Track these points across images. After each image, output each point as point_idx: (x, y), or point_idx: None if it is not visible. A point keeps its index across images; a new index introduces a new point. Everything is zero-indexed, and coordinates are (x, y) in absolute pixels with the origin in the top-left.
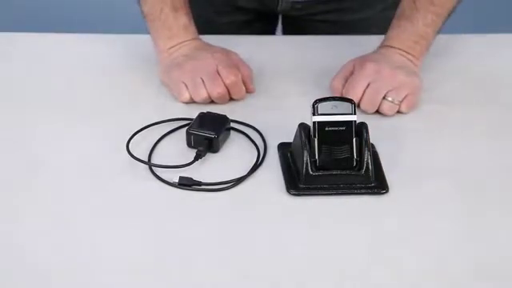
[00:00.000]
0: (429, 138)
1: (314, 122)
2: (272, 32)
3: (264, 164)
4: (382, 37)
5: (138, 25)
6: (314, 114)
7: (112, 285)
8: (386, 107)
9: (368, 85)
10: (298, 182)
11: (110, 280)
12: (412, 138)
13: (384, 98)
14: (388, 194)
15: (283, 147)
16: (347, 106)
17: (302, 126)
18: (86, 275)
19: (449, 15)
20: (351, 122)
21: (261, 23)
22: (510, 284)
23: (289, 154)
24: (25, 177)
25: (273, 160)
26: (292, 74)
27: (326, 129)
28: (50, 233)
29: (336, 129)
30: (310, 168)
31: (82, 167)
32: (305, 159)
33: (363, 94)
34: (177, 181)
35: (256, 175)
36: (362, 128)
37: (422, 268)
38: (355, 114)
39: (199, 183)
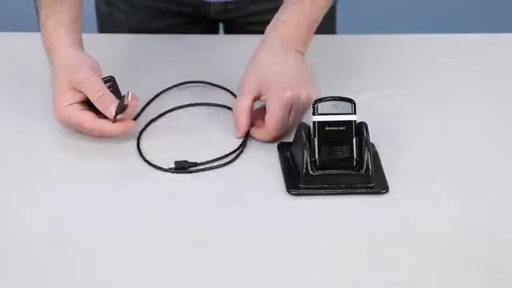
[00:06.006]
0: (429, 138)
1: (314, 122)
2: None
3: (264, 164)
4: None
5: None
6: (313, 114)
7: (114, 282)
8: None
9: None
10: (298, 181)
11: (110, 278)
12: (412, 138)
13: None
14: (388, 194)
15: (283, 147)
16: (347, 106)
17: (302, 126)
18: (86, 274)
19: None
20: (351, 121)
21: (198, 31)
22: (510, 285)
23: (289, 154)
24: (25, 176)
25: (273, 160)
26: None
27: (326, 128)
28: (50, 232)
29: (336, 128)
30: (309, 168)
31: (82, 165)
32: (305, 159)
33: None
34: (173, 166)
35: (256, 175)
36: (361, 128)
37: (422, 268)
38: (355, 113)
39: (195, 164)
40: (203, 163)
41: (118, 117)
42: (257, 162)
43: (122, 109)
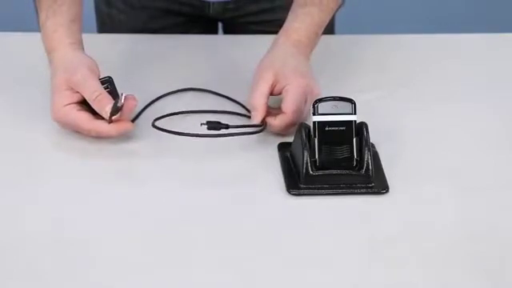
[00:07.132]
0: (429, 138)
1: (314, 122)
2: None
3: (264, 164)
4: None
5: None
6: (314, 114)
7: (114, 282)
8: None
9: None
10: (298, 181)
11: (110, 278)
12: (412, 138)
13: None
14: (388, 194)
15: (283, 147)
16: (347, 106)
17: (302, 126)
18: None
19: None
20: (351, 121)
21: (197, 30)
22: (510, 285)
23: (289, 154)
24: (24, 176)
25: (273, 160)
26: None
27: (326, 129)
28: (50, 232)
29: (336, 129)
30: (310, 168)
31: (81, 165)
32: (305, 159)
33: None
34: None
35: (256, 175)
36: (362, 128)
37: (422, 268)
38: (355, 113)
39: (227, 126)
40: (235, 126)
41: (114, 117)
42: (257, 161)
43: (116, 110)
